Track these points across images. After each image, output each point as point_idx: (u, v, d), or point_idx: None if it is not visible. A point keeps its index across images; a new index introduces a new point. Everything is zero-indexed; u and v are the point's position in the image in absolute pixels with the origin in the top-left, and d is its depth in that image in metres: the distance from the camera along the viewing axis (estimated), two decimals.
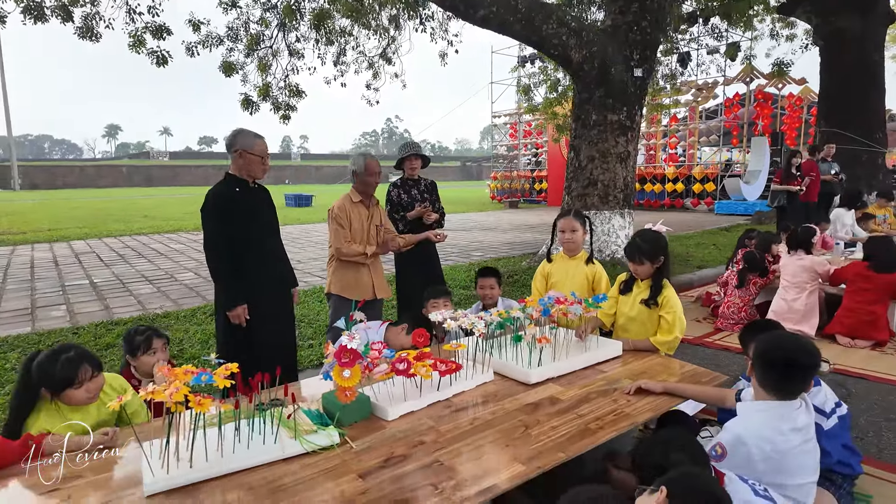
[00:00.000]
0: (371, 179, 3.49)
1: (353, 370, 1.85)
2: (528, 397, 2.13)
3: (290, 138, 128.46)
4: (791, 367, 1.73)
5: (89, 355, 2.02)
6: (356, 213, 3.46)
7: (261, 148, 2.86)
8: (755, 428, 1.73)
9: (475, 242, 11.32)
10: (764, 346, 1.81)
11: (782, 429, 1.71)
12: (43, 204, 27.42)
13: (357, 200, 3.50)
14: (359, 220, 3.46)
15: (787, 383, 1.75)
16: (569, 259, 3.16)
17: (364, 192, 3.50)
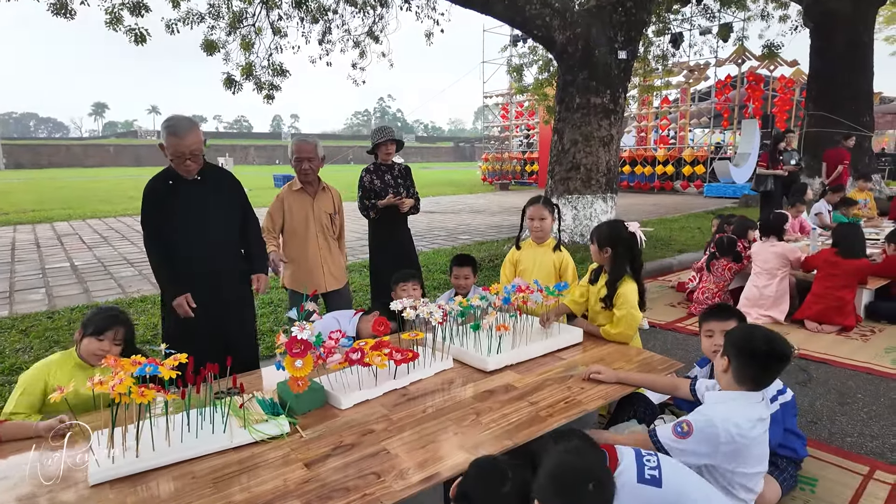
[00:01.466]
0: (297, 166, 3.21)
1: (304, 360, 1.86)
2: (485, 385, 2.17)
3: (281, 117, 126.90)
4: (771, 359, 1.77)
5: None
6: (297, 201, 3.27)
7: (174, 148, 2.40)
8: (727, 413, 1.76)
9: (463, 225, 11.31)
10: (745, 338, 1.82)
11: (751, 417, 1.75)
12: (27, 184, 27.07)
13: (297, 188, 3.29)
14: (300, 208, 3.26)
15: (764, 375, 1.80)
16: (537, 246, 3.17)
17: (303, 180, 3.27)
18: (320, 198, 3.33)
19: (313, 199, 3.29)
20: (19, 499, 1.44)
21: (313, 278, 3.28)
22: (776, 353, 1.76)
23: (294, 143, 3.23)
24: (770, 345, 1.76)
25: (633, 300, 2.57)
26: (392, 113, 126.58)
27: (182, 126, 2.40)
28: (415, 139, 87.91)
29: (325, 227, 3.32)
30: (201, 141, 2.47)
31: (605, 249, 2.65)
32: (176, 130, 2.39)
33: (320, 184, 3.36)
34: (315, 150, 3.23)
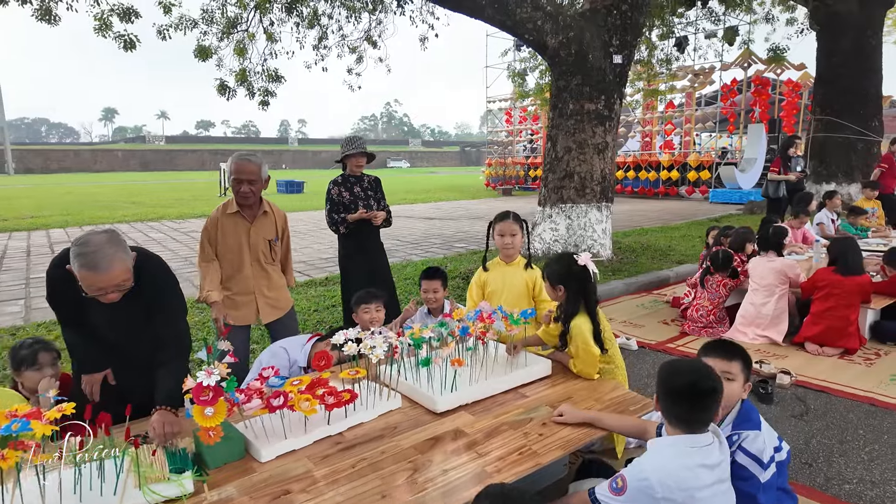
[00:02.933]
0: (236, 188, 2.79)
1: (216, 407, 1.64)
2: (433, 429, 1.93)
3: (289, 122, 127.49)
4: (696, 397, 1.58)
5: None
6: (232, 226, 2.87)
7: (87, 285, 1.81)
8: (660, 462, 1.58)
9: (461, 232, 11.09)
10: (663, 375, 1.67)
11: (689, 464, 1.55)
12: (34, 189, 27.19)
13: (233, 211, 2.86)
14: (234, 234, 2.87)
15: (693, 415, 1.60)
16: (506, 266, 2.93)
17: (241, 203, 2.85)
18: (260, 223, 2.94)
19: (251, 225, 2.90)
20: None
21: (246, 310, 2.96)
22: (698, 390, 1.57)
23: (234, 162, 2.80)
24: (690, 379, 1.59)
25: (586, 337, 2.33)
26: (399, 117, 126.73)
27: (97, 260, 1.78)
28: (421, 144, 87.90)
29: (262, 254, 2.95)
30: (127, 270, 1.87)
31: (558, 287, 2.41)
32: (92, 264, 1.77)
33: (261, 207, 2.95)
34: (259, 171, 2.82)
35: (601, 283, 5.85)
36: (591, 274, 2.41)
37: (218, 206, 2.97)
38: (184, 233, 11.49)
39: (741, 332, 4.17)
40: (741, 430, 1.84)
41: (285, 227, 3.13)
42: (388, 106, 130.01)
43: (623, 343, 4.13)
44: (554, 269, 2.44)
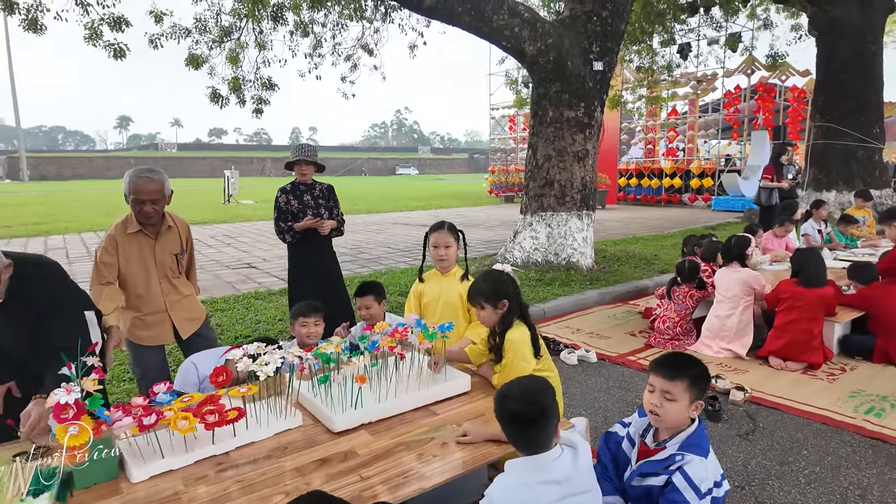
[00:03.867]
0: (137, 208, 2.61)
1: (80, 427, 1.59)
2: (324, 450, 1.86)
3: (300, 130, 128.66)
4: (521, 422, 1.59)
5: None
6: (135, 246, 2.70)
7: None
8: (502, 484, 1.58)
9: None
10: (496, 399, 1.69)
11: (528, 481, 1.53)
12: (45, 196, 27.60)
13: (134, 230, 2.68)
14: (139, 255, 2.71)
15: (526, 437, 1.61)
16: (442, 277, 2.87)
17: (143, 222, 2.68)
18: (165, 239, 2.79)
19: (155, 242, 2.76)
20: None
21: (159, 329, 2.83)
22: (524, 418, 1.58)
23: (131, 182, 2.59)
24: (515, 408, 1.59)
25: (521, 348, 2.25)
26: (409, 125, 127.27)
27: None
28: (430, 151, 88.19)
29: (169, 269, 2.83)
30: None
31: (502, 304, 2.31)
32: None
33: (165, 222, 2.78)
34: (162, 188, 2.65)
35: (576, 292, 5.75)
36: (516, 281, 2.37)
37: (113, 224, 2.75)
38: None
39: (706, 346, 4.05)
40: (686, 453, 1.77)
41: (189, 238, 2.99)
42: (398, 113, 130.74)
43: (582, 355, 4.03)
44: (492, 287, 2.32)
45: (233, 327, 4.73)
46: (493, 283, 2.33)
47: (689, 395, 1.81)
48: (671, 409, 1.80)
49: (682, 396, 1.80)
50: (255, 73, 10.76)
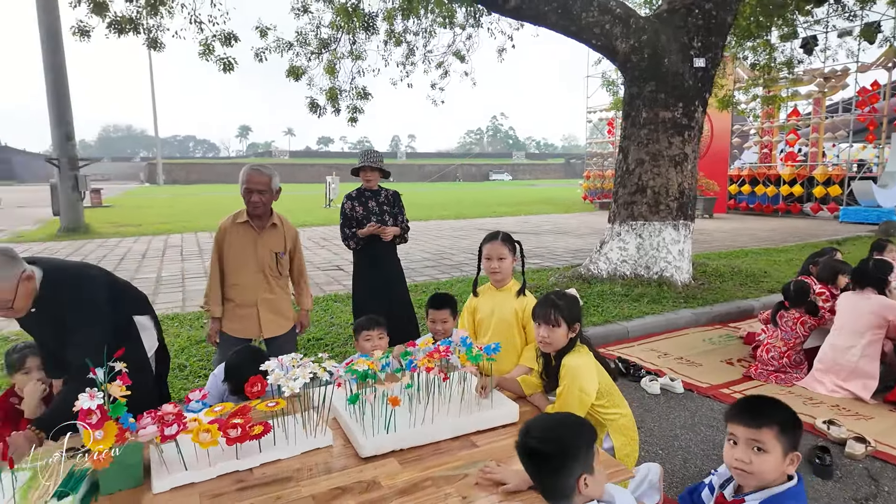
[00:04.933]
0: (247, 197, 2.84)
1: (105, 431, 1.59)
2: (346, 477, 1.73)
3: (399, 137, 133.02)
4: (522, 457, 1.46)
5: None
6: (239, 235, 2.90)
7: None
8: None
9: (540, 248, 10.68)
10: (519, 435, 1.51)
11: None
12: (172, 199, 30.78)
13: (242, 220, 2.90)
14: (241, 243, 2.89)
15: (535, 479, 1.45)
16: (496, 292, 2.65)
17: (251, 213, 2.90)
18: (268, 234, 2.95)
19: (258, 235, 2.93)
20: None
21: (248, 323, 2.93)
22: (522, 451, 1.44)
23: (245, 173, 2.86)
24: (518, 439, 1.45)
25: (582, 376, 1.99)
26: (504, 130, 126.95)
27: None
28: (524, 156, 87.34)
29: (268, 266, 2.93)
30: (6, 291, 1.93)
31: (575, 328, 2.11)
32: None
33: (271, 219, 2.97)
34: (269, 182, 2.86)
35: (667, 311, 5.24)
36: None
37: (228, 215, 3.01)
38: None
39: (818, 381, 3.45)
40: None
41: (296, 243, 3.10)
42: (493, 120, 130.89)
43: (666, 384, 3.60)
44: (569, 305, 2.13)
45: (308, 330, 4.82)
46: (571, 303, 2.11)
47: (782, 444, 1.47)
48: (763, 463, 1.47)
49: (773, 447, 1.46)
50: (351, 82, 11.15)
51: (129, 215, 19.19)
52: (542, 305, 2.15)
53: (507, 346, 2.53)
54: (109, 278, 2.33)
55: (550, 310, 2.11)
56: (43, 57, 13.46)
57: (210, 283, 2.96)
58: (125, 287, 2.44)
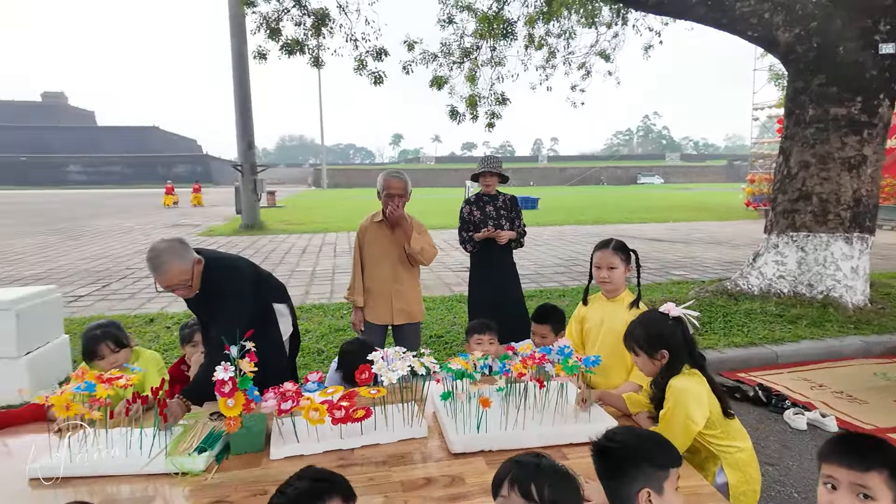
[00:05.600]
0: (386, 201, 3.19)
1: (235, 400, 1.86)
2: (434, 469, 1.82)
3: (541, 141, 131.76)
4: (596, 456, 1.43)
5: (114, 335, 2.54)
6: (376, 233, 3.29)
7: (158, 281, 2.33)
8: None
9: (686, 258, 9.91)
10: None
11: None
12: (332, 200, 34.01)
13: (379, 220, 3.30)
14: (379, 240, 3.27)
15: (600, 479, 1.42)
16: (607, 302, 2.54)
17: (388, 215, 3.24)
18: (399, 231, 3.28)
19: (391, 233, 3.26)
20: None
21: (383, 310, 3.28)
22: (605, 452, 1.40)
23: (384, 179, 3.23)
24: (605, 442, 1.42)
25: (688, 401, 1.84)
26: (657, 130, 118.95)
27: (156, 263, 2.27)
28: (679, 158, 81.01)
29: (400, 259, 3.27)
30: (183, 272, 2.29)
31: (660, 354, 1.99)
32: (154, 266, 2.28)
33: (405, 217, 3.30)
34: (405, 187, 3.23)
35: (829, 336, 4.55)
36: (689, 325, 1.98)
37: (368, 215, 3.40)
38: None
39: None
40: None
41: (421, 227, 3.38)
42: (645, 119, 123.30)
43: (815, 419, 3.14)
44: (647, 331, 2.02)
45: (430, 327, 5.06)
46: (649, 328, 2.00)
47: (893, 491, 1.24)
48: None
49: (883, 494, 1.24)
50: (490, 89, 11.38)
51: (296, 215, 21.61)
52: (624, 334, 2.09)
53: (615, 360, 2.43)
54: (254, 270, 2.71)
55: (629, 340, 2.06)
56: (233, 78, 15.80)
57: (353, 275, 3.37)
58: (267, 278, 2.82)
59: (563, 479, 1.29)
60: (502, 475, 1.33)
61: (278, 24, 9.09)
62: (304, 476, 1.27)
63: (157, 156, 66.05)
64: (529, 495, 1.25)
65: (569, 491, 1.28)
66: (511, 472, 1.31)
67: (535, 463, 1.31)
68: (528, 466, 1.30)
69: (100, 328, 2.57)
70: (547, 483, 1.26)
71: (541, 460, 1.33)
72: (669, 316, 2.02)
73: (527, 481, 1.26)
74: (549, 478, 1.27)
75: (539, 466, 1.30)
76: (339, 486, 1.27)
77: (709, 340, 4.57)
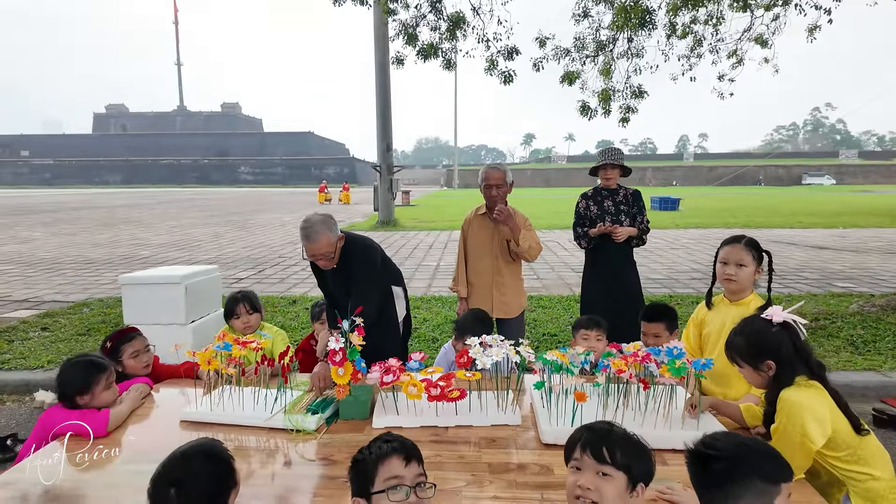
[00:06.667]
0: (486, 192, 3.21)
1: (345, 370, 2.03)
2: (524, 457, 1.82)
3: (688, 137, 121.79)
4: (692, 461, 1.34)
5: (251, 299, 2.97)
6: (480, 225, 3.31)
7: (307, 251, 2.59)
8: None
9: (856, 269, 8.58)
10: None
11: None
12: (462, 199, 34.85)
13: (482, 213, 3.31)
14: (481, 232, 3.30)
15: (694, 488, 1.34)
16: (730, 305, 2.31)
17: (490, 205, 3.25)
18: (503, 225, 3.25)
19: (495, 225, 3.27)
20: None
21: (484, 303, 3.28)
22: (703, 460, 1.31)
23: (484, 171, 3.28)
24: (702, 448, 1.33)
25: (803, 415, 1.62)
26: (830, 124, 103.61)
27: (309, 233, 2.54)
28: (857, 155, 69.89)
29: (501, 252, 3.27)
30: (330, 244, 2.56)
31: (765, 365, 1.78)
32: (306, 235, 2.54)
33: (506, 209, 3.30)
34: (504, 177, 3.22)
35: None
36: (799, 332, 1.74)
37: (473, 208, 3.46)
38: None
39: None
40: None
41: (525, 224, 3.33)
42: (814, 112, 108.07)
43: None
44: (749, 340, 1.83)
45: (544, 325, 5.00)
46: (750, 336, 1.80)
47: None
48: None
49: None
50: (626, 81, 10.84)
51: (426, 213, 22.51)
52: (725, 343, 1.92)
53: (736, 369, 2.21)
54: (382, 252, 2.94)
55: (730, 350, 1.88)
56: (375, 85, 16.92)
57: (458, 267, 3.45)
58: (389, 261, 3.03)
59: (634, 445, 1.32)
60: (575, 438, 1.38)
61: (415, 29, 9.56)
62: (377, 439, 1.40)
63: (311, 158, 72.95)
64: (602, 457, 1.29)
65: (641, 458, 1.32)
66: (583, 436, 1.35)
67: (606, 429, 1.35)
68: (600, 431, 1.34)
69: (240, 293, 3.04)
70: (618, 447, 1.29)
71: (612, 427, 1.36)
72: (773, 322, 1.79)
73: (598, 444, 1.31)
74: (620, 443, 1.31)
75: (611, 432, 1.34)
76: (404, 446, 1.38)
77: (872, 362, 3.93)
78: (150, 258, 10.39)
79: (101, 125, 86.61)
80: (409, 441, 1.41)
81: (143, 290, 3.90)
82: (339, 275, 2.71)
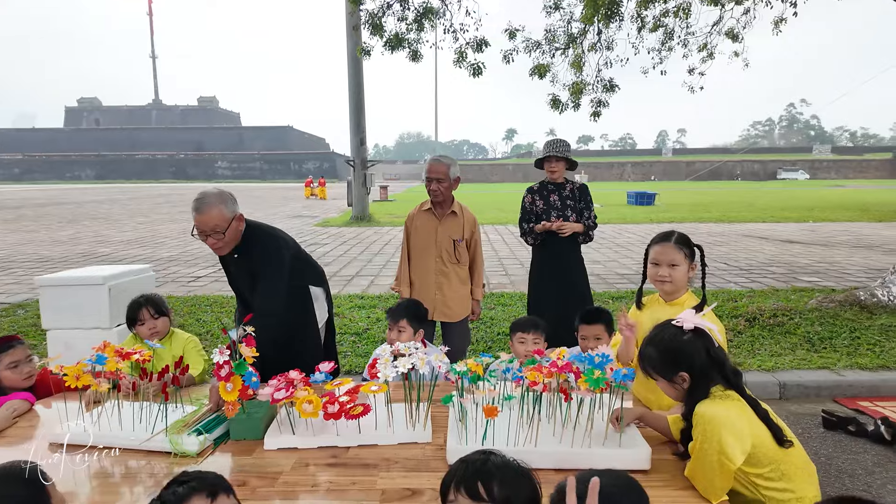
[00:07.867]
0: (427, 186, 3.06)
1: (233, 384, 1.82)
2: (425, 480, 1.63)
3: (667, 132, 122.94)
4: None
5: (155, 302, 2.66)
6: (423, 221, 3.15)
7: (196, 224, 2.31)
8: None
9: (823, 263, 8.61)
10: None
11: None
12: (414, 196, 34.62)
13: (426, 209, 3.15)
14: (425, 229, 3.13)
15: None
16: (664, 305, 2.15)
17: (432, 200, 3.11)
18: (447, 221, 3.14)
19: (439, 222, 3.10)
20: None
21: (428, 305, 3.07)
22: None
23: (427, 163, 3.12)
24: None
25: (719, 429, 1.46)
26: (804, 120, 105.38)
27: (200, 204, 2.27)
28: (830, 150, 71.31)
29: (445, 251, 3.08)
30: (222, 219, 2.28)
31: (680, 377, 1.62)
32: (196, 206, 2.28)
33: (451, 207, 3.15)
34: (447, 171, 3.03)
35: None
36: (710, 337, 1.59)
37: (417, 204, 3.28)
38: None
39: None
40: None
41: (474, 232, 3.19)
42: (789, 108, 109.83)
43: None
44: (660, 351, 1.66)
45: (500, 324, 4.83)
46: (660, 346, 1.63)
47: None
48: None
49: None
50: (597, 75, 10.71)
51: (404, 208, 22.19)
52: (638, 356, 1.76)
53: None
54: (297, 247, 2.69)
55: (643, 362, 1.72)
56: (347, 77, 16.58)
57: (400, 265, 3.26)
58: (307, 258, 2.79)
59: (515, 474, 1.18)
60: (448, 478, 1.20)
61: (381, 19, 9.28)
62: (171, 483, 1.20)
63: (290, 153, 71.93)
64: (477, 496, 1.12)
65: (522, 486, 1.16)
66: (456, 474, 1.18)
67: (482, 460, 1.19)
68: (474, 465, 1.19)
69: (143, 296, 2.71)
70: (496, 480, 1.14)
71: (489, 457, 1.20)
72: (684, 329, 1.62)
73: (473, 480, 1.14)
74: (498, 474, 1.15)
75: (486, 462, 1.19)
76: (204, 482, 1.19)
77: (827, 359, 3.83)
78: (109, 255, 10.01)
79: (74, 119, 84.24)
80: (211, 473, 1.24)
81: (63, 292, 3.65)
82: (241, 267, 2.46)
